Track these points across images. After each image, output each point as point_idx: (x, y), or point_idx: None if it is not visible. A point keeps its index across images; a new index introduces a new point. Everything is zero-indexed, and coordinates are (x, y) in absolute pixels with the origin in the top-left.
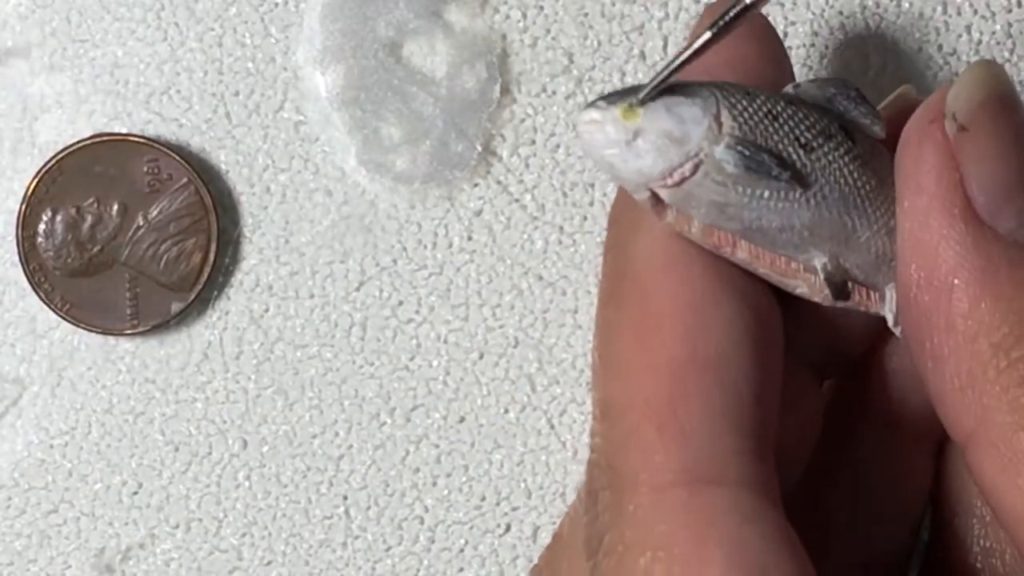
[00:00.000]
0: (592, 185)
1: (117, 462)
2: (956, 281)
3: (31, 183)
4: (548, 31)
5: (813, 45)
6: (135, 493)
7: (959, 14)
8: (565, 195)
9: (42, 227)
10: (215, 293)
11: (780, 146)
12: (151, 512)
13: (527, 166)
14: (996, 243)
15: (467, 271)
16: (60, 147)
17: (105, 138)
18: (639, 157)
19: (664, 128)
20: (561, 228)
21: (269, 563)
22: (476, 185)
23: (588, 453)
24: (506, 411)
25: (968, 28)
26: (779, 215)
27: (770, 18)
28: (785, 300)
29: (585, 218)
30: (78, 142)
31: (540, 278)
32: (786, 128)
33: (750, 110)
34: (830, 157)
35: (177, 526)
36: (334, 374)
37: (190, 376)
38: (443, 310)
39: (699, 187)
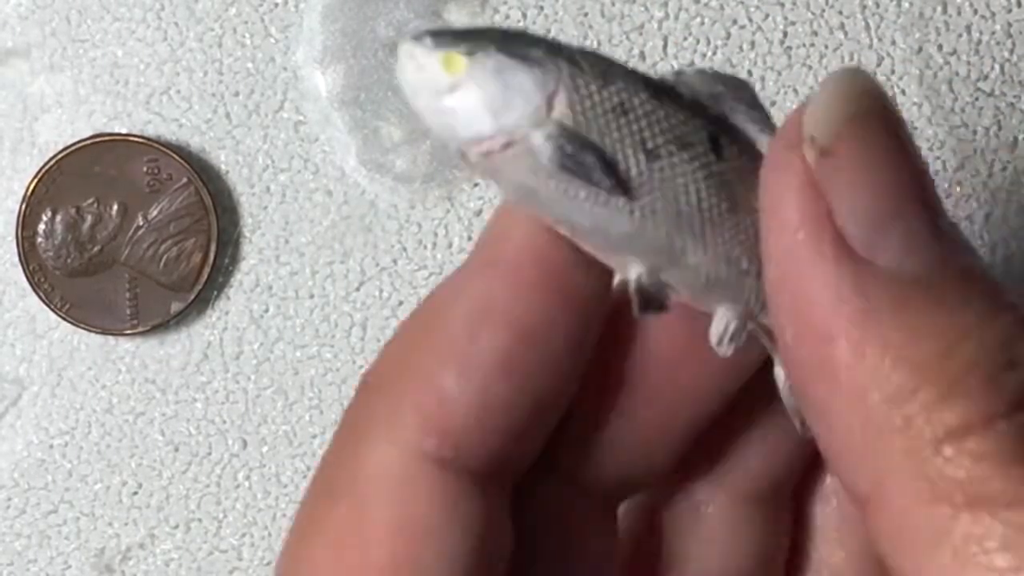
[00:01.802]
0: None
1: (117, 462)
2: (835, 329)
3: (31, 183)
4: (548, 31)
5: (813, 45)
6: (135, 493)
7: (959, 14)
8: None
9: (42, 227)
10: (215, 293)
11: (616, 147)
12: (151, 512)
13: None
14: (876, 280)
15: None
16: (60, 147)
17: (105, 138)
18: (448, 113)
19: (484, 94)
20: None
21: (269, 563)
22: (476, 185)
23: None
24: None
25: (968, 28)
26: (593, 218)
27: (769, 18)
28: (570, 433)
29: None
30: (78, 142)
31: None
32: (634, 127)
33: (596, 98)
34: (677, 169)
35: (177, 526)
36: (334, 374)
37: (190, 376)
38: None
39: (507, 166)
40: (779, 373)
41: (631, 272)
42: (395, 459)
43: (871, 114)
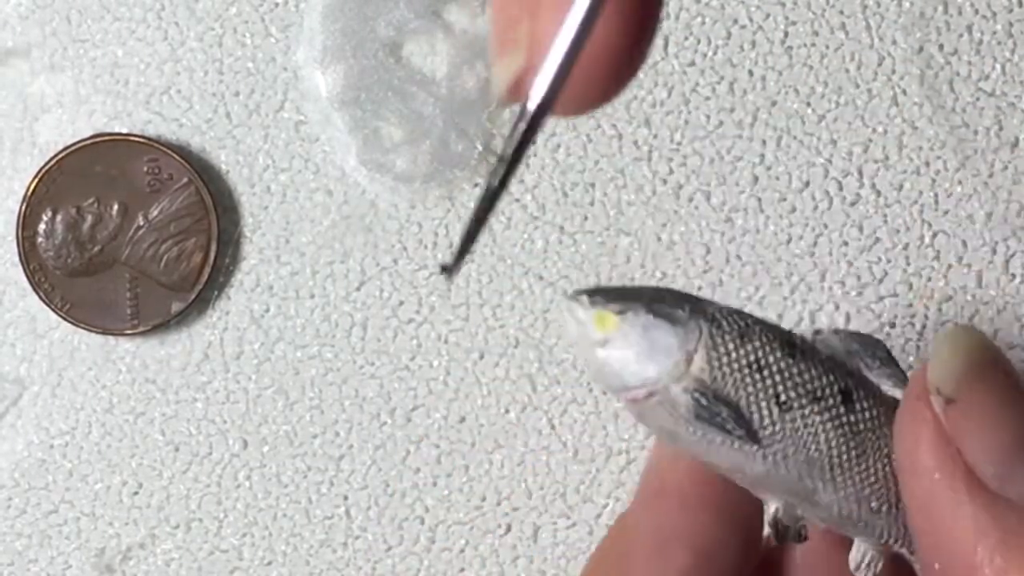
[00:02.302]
0: (592, 185)
1: (117, 462)
2: (977, 559)
3: (31, 183)
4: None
5: (814, 45)
6: (135, 493)
7: (960, 14)
8: (565, 195)
9: (42, 227)
10: (215, 293)
11: (750, 399)
12: (151, 512)
13: (527, 166)
14: (1011, 512)
15: (467, 271)
16: (60, 147)
17: (105, 138)
18: (601, 364)
19: (630, 350)
20: (561, 228)
21: (269, 563)
22: (476, 185)
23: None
24: (506, 411)
25: (969, 28)
26: (730, 460)
27: (770, 18)
28: None
29: (585, 218)
30: (78, 142)
31: (540, 278)
32: (768, 382)
33: (733, 355)
34: (808, 420)
35: (177, 526)
36: (334, 374)
37: (190, 376)
38: (443, 310)
39: (651, 412)
40: None
41: (769, 507)
42: None
43: (986, 363)
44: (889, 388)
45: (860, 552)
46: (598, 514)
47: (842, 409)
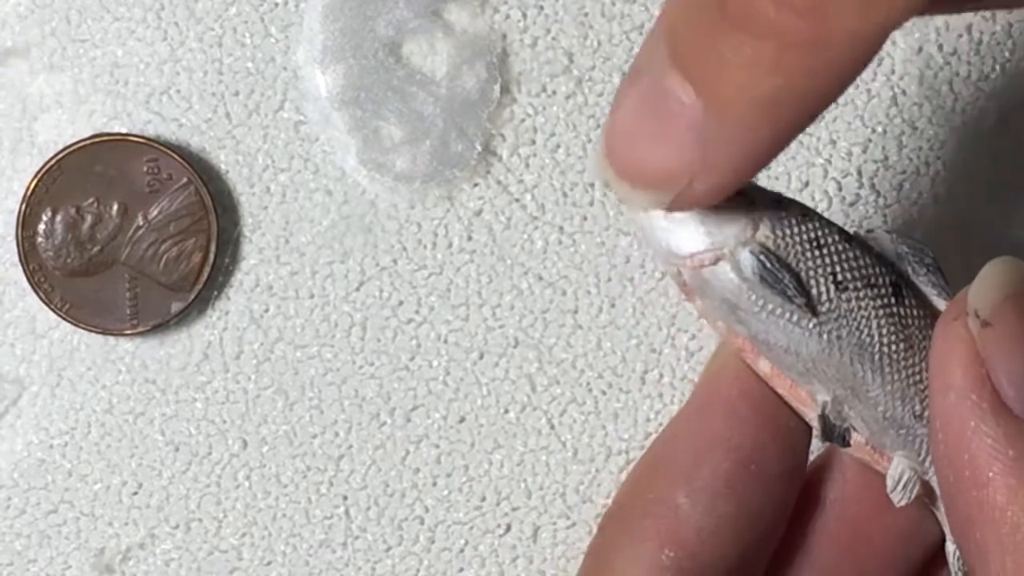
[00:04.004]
0: (592, 185)
1: (117, 462)
2: (991, 475)
3: (31, 183)
4: (548, 31)
5: None
6: (135, 493)
7: (959, 14)
8: (565, 195)
9: (42, 227)
10: (215, 293)
11: (810, 273)
12: (151, 512)
13: (527, 166)
14: None
15: (467, 271)
16: (60, 147)
17: (105, 138)
18: (668, 231)
19: (698, 215)
20: (561, 228)
21: (269, 563)
22: (476, 185)
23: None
24: (506, 411)
25: (968, 28)
26: (787, 336)
27: None
28: None
29: (585, 218)
30: (78, 142)
31: (540, 278)
32: (827, 260)
33: (795, 229)
34: (862, 303)
35: (177, 526)
36: (334, 374)
37: (190, 376)
38: (443, 310)
39: (716, 279)
40: (949, 548)
41: (818, 400)
42: (642, 568)
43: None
44: (933, 296)
45: (898, 471)
46: (598, 514)
47: (893, 300)
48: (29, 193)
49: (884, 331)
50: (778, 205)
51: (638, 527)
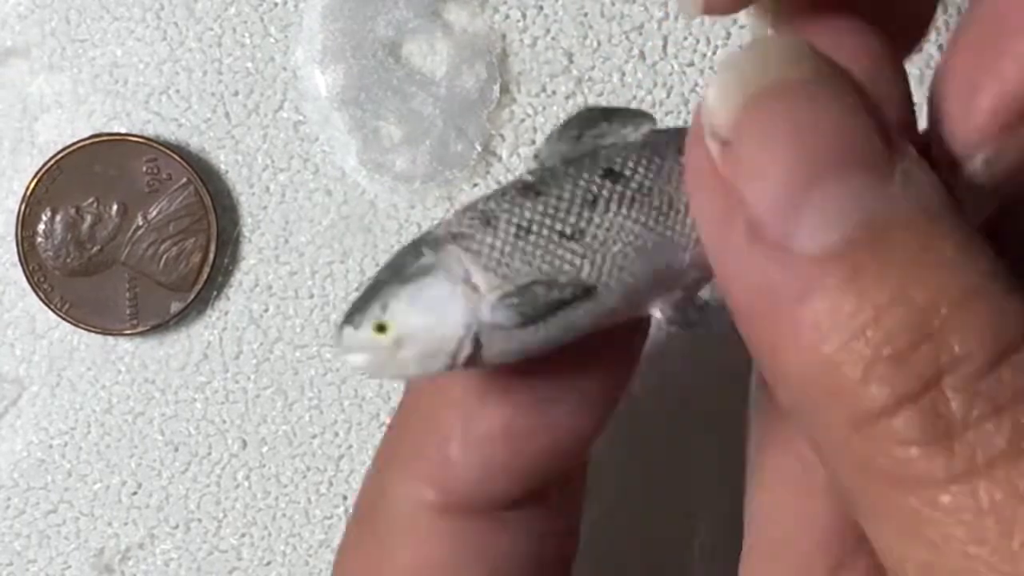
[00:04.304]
0: None
1: (117, 462)
2: (756, 318)
3: (31, 183)
4: (548, 31)
5: None
6: (135, 493)
7: (959, 14)
8: None
9: (42, 227)
10: (214, 293)
11: (546, 261)
12: (151, 512)
13: (527, 166)
14: (786, 267)
15: None
16: (60, 147)
17: (105, 138)
18: (418, 363)
19: (419, 329)
20: None
21: (269, 563)
22: (476, 185)
23: None
24: None
25: None
26: (588, 318)
27: None
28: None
29: None
30: (78, 142)
31: None
32: (543, 232)
33: (496, 244)
34: (605, 226)
35: (177, 526)
36: (334, 374)
37: (190, 376)
38: None
39: (491, 353)
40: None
41: (657, 315)
42: (410, 505)
43: (766, 93)
44: (632, 135)
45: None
46: (598, 514)
47: (621, 187)
48: (29, 193)
49: (643, 219)
50: (458, 237)
51: (411, 466)
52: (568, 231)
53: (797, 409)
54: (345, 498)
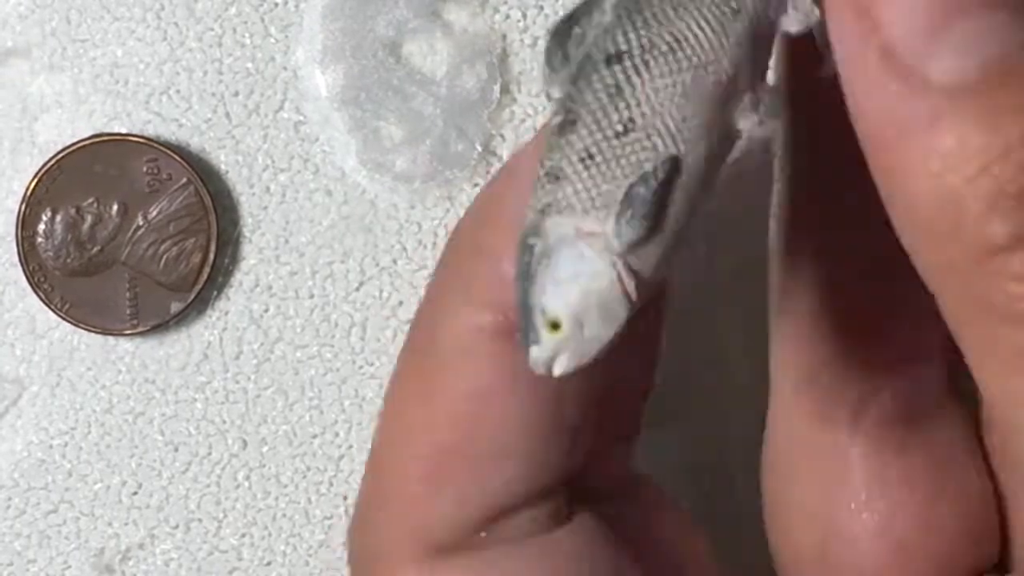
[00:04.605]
0: None
1: (117, 462)
2: (886, 144)
3: (31, 183)
4: (548, 31)
5: None
6: (135, 493)
7: None
8: None
9: (42, 227)
10: (215, 293)
11: (624, 166)
12: (151, 512)
13: None
14: (920, 94)
15: None
16: (60, 147)
17: (105, 138)
18: (604, 328)
19: (579, 301)
20: None
21: (269, 563)
22: (476, 185)
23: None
24: None
25: None
26: (696, 181)
27: None
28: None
29: None
30: (78, 142)
31: None
32: (602, 147)
33: (578, 187)
34: (644, 101)
35: (177, 526)
36: (334, 374)
37: (190, 376)
38: None
39: (650, 271)
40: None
41: (744, 126)
42: (466, 330)
43: None
44: None
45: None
46: None
47: (628, 64)
48: (29, 193)
49: (668, 80)
50: (549, 203)
51: (464, 292)
52: (620, 128)
53: (915, 241)
54: (345, 498)
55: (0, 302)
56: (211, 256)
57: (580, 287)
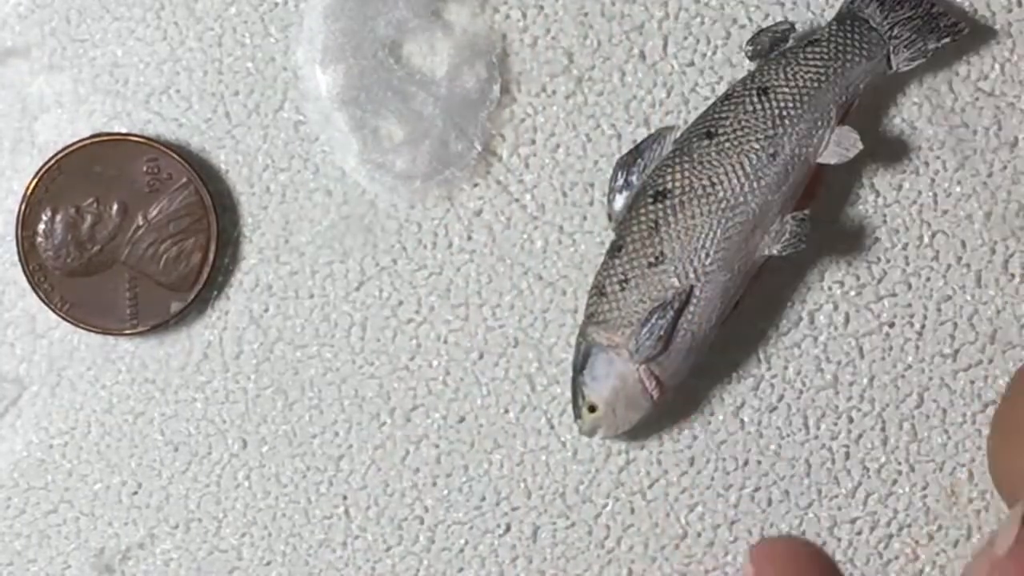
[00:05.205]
0: (592, 185)
1: (117, 462)
2: None
3: (31, 183)
4: (548, 31)
5: None
6: (135, 493)
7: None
8: (565, 195)
9: (42, 227)
10: (215, 293)
11: (649, 294)
12: (151, 512)
13: (527, 166)
14: None
15: (467, 271)
16: (60, 147)
17: (105, 138)
18: (633, 412)
19: (610, 391)
20: (561, 228)
21: (269, 563)
22: (476, 185)
23: None
24: (506, 411)
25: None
26: (704, 304)
27: (769, 18)
28: None
29: (585, 218)
30: (78, 142)
31: (540, 278)
32: (636, 274)
33: (613, 305)
34: (674, 237)
35: (177, 526)
36: (334, 374)
37: (190, 376)
38: (443, 310)
39: (671, 375)
40: None
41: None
42: None
43: None
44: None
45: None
46: (597, 514)
47: (668, 202)
48: (29, 193)
49: (698, 220)
50: (595, 323)
51: None
52: (652, 260)
53: None
54: (345, 498)
55: (0, 302)
56: (211, 256)
57: (611, 384)
